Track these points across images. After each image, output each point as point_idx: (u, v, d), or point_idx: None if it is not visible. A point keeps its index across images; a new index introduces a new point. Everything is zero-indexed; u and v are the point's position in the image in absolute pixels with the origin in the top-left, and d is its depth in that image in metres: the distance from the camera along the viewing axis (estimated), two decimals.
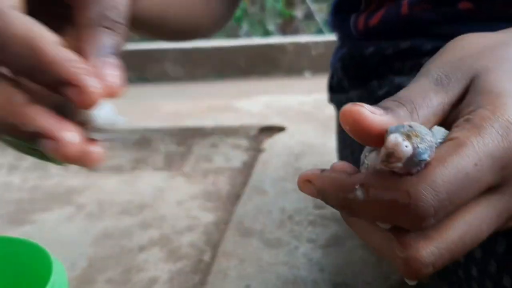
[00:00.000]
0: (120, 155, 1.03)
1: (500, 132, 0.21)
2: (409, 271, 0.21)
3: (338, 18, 0.55)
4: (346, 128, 0.21)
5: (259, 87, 1.64)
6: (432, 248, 0.21)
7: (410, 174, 0.20)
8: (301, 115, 1.24)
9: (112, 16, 0.25)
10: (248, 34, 2.61)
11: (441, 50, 0.27)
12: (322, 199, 0.23)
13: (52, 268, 0.34)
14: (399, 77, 0.43)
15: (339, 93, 0.56)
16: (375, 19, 0.47)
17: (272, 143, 1.03)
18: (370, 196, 0.20)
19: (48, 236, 0.72)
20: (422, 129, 0.19)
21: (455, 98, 0.23)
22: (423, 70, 0.25)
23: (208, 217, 0.74)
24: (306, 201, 0.75)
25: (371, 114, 0.21)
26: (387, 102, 0.23)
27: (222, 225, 0.71)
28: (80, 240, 0.70)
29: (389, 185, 0.20)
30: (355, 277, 0.56)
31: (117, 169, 0.95)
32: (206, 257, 0.64)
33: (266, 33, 2.66)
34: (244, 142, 1.05)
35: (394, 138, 0.19)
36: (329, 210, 0.70)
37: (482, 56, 0.25)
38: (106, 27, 0.24)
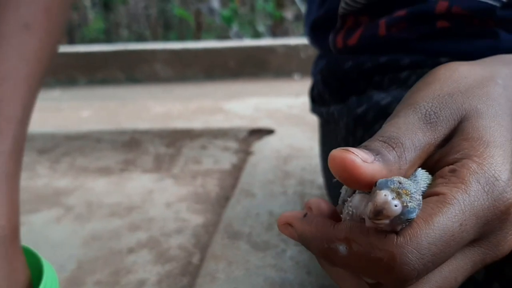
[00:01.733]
0: (109, 156, 1.03)
1: (486, 189, 0.21)
2: None
3: (317, 35, 0.55)
4: (335, 173, 0.20)
5: (249, 88, 1.65)
6: None
7: (394, 231, 0.19)
8: (289, 118, 1.25)
9: None
10: (239, 35, 2.62)
11: (428, 78, 0.26)
12: (303, 244, 0.22)
13: (43, 271, 0.35)
14: (378, 93, 0.43)
15: (320, 105, 0.57)
16: (353, 39, 0.47)
17: (261, 146, 1.04)
18: (353, 251, 0.20)
19: (36, 238, 0.71)
20: (411, 187, 0.19)
21: (442, 138, 0.23)
22: (410, 100, 0.25)
23: (197, 219, 0.75)
24: (294, 205, 0.76)
25: (362, 163, 0.20)
26: (377, 142, 0.22)
27: (211, 228, 0.72)
28: (69, 242, 0.70)
29: (374, 243, 0.19)
30: None
31: (106, 171, 0.95)
32: (195, 259, 0.64)
33: (256, 34, 2.67)
34: (233, 144, 1.06)
35: (384, 196, 0.18)
36: None
37: (471, 94, 0.24)
38: None
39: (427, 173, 0.22)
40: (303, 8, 2.62)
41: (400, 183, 0.19)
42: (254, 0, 2.83)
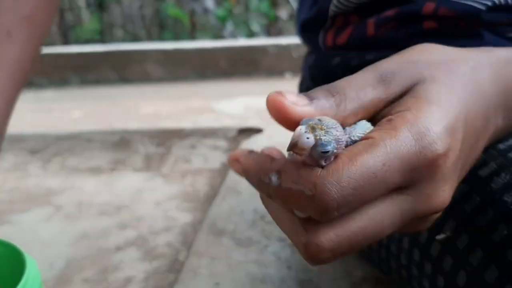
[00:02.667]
0: (99, 156, 1.04)
1: (415, 137, 0.21)
2: (308, 255, 0.22)
3: (307, 34, 0.56)
4: (269, 113, 0.22)
5: (240, 88, 1.66)
6: (331, 235, 0.21)
7: (320, 166, 0.21)
8: None
9: None
10: (233, 35, 2.63)
11: (404, 50, 0.27)
12: (246, 179, 0.24)
13: (26, 265, 0.36)
14: None
15: None
16: (343, 38, 0.48)
17: (249, 145, 1.05)
18: (283, 181, 0.21)
19: (26, 237, 0.73)
20: (330, 123, 0.20)
21: (394, 96, 0.24)
22: (375, 64, 0.26)
23: (185, 218, 0.76)
24: None
25: (292, 106, 0.22)
26: (319, 90, 0.23)
27: (198, 226, 0.73)
28: (58, 240, 0.71)
29: (301, 174, 0.21)
30: (320, 274, 0.59)
31: (96, 170, 0.97)
32: (181, 256, 0.66)
33: (251, 33, 2.68)
34: (222, 144, 1.07)
35: (299, 130, 0.20)
36: None
37: (434, 66, 0.25)
38: None
39: (370, 124, 0.24)
40: (295, 6, 2.63)
41: (320, 120, 0.20)
42: (248, 0, 2.84)
